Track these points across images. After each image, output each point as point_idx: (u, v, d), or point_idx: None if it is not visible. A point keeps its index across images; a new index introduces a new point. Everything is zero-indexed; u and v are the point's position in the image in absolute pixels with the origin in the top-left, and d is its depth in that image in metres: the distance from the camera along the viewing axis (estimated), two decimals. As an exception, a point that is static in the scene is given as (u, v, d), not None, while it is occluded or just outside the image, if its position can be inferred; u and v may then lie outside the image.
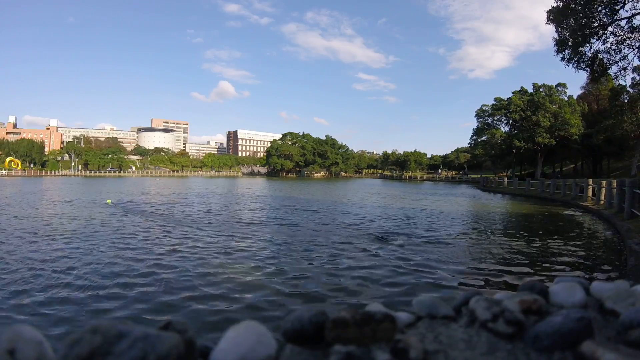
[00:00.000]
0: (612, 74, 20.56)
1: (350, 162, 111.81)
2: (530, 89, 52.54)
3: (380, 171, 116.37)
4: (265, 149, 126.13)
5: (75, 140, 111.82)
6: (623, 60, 18.66)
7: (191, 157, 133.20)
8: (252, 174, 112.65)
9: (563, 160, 57.93)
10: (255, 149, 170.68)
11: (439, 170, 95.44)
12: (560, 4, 18.66)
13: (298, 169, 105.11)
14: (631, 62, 18.62)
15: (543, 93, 50.59)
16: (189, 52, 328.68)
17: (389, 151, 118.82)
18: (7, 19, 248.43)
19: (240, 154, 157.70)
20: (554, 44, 20.03)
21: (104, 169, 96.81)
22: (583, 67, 19.99)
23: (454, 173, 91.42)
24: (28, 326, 0.41)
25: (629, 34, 17.61)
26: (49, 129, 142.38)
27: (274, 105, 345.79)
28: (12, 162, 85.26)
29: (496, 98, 54.72)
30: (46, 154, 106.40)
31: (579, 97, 54.55)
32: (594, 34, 18.15)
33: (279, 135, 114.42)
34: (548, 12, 19.76)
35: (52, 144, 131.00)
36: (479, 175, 61.59)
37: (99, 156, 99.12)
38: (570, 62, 19.90)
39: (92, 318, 4.03)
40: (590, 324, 0.55)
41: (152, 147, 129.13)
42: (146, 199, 20.80)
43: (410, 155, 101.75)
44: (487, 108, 55.47)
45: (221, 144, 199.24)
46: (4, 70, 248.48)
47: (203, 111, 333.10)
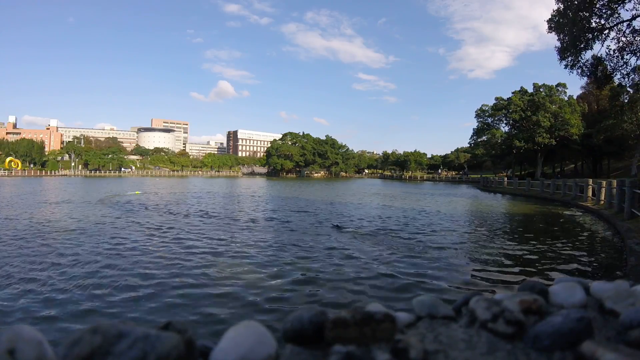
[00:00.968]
0: (616, 80, 20.50)
1: (350, 162, 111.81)
2: (530, 89, 52.55)
3: (380, 171, 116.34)
4: (265, 149, 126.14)
5: (75, 140, 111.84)
6: (626, 66, 18.64)
7: (191, 157, 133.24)
8: (252, 174, 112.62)
9: (563, 160, 57.94)
10: (255, 149, 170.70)
11: (439, 170, 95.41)
12: (561, 6, 18.64)
13: (298, 169, 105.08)
14: (634, 67, 18.57)
15: (543, 93, 50.60)
16: (189, 52, 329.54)
17: (389, 151, 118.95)
18: (7, 19, 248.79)
19: (240, 154, 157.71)
20: (557, 52, 20.03)
21: (104, 169, 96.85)
22: (587, 74, 20.01)
23: (454, 173, 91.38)
24: (28, 326, 0.40)
25: (631, 38, 17.57)
26: (49, 129, 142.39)
27: (273, 105, 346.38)
28: (12, 162, 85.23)
29: (496, 98, 54.75)
30: (46, 154, 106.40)
31: (579, 97, 54.55)
32: (595, 38, 18.13)
33: (279, 135, 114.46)
34: (549, 21, 19.79)
35: (52, 144, 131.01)
36: (479, 175, 61.59)
37: (99, 156, 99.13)
38: (573, 69, 19.90)
39: (92, 318, 4.03)
40: (590, 324, 0.55)
41: (152, 147, 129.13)
42: (146, 199, 20.80)
43: (410, 155, 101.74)
44: (487, 108, 55.48)
45: (221, 144, 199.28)
46: (4, 70, 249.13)
47: (203, 111, 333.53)
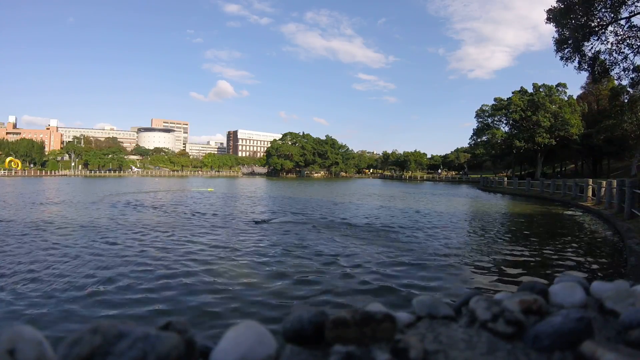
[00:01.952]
0: (614, 75, 20.47)
1: (350, 162, 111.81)
2: (530, 89, 52.54)
3: (381, 171, 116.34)
4: (265, 149, 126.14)
5: (75, 140, 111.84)
6: (625, 61, 18.61)
7: (191, 157, 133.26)
8: (252, 174, 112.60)
9: (563, 160, 57.94)
10: (255, 149, 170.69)
11: (439, 170, 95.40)
12: (561, 5, 18.64)
13: (298, 169, 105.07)
14: (633, 62, 18.55)
15: (543, 93, 50.59)
16: (189, 52, 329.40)
17: (389, 151, 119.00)
18: (7, 19, 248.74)
19: (240, 154, 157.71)
20: (554, 43, 19.99)
21: (104, 169, 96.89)
22: (585, 68, 19.94)
23: (454, 173, 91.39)
24: (28, 326, 0.40)
25: (628, 33, 17.57)
26: (49, 129, 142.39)
27: (273, 105, 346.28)
28: (12, 162, 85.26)
29: (496, 98, 54.74)
30: (46, 154, 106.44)
31: (579, 97, 54.54)
32: (594, 32, 18.11)
33: (279, 135, 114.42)
34: (548, 12, 19.72)
35: (52, 144, 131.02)
36: (479, 175, 61.58)
37: (99, 156, 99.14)
38: (570, 62, 19.85)
39: (92, 318, 4.03)
40: (590, 324, 0.55)
41: (152, 147, 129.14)
42: (145, 199, 20.80)
43: (410, 155, 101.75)
44: (487, 108, 55.47)
45: (221, 144, 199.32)
46: (4, 70, 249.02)
47: (203, 111, 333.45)
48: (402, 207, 17.54)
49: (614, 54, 18.51)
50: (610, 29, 17.92)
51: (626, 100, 31.20)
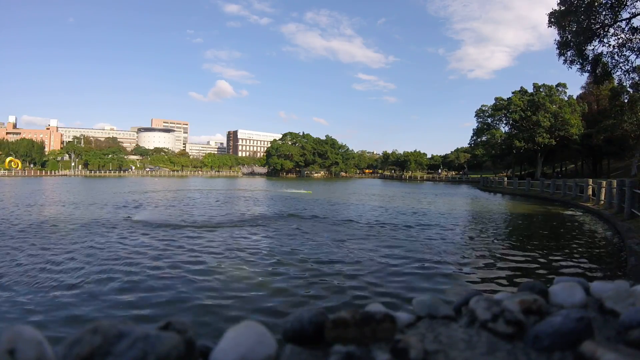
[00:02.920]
0: (615, 77, 20.45)
1: (350, 162, 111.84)
2: (530, 89, 52.51)
3: (381, 171, 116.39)
4: (265, 149, 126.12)
5: (75, 140, 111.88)
6: (626, 64, 18.60)
7: (191, 157, 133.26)
8: (252, 174, 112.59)
9: (563, 160, 57.92)
10: (255, 149, 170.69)
11: (439, 170, 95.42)
12: (562, 7, 18.64)
13: (298, 169, 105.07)
14: (634, 64, 18.55)
15: (543, 93, 50.57)
16: (188, 52, 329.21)
17: (389, 151, 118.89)
18: (7, 19, 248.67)
19: (240, 154, 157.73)
20: (556, 46, 19.97)
21: (104, 169, 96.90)
22: (587, 70, 19.94)
23: (454, 173, 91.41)
24: (28, 326, 0.40)
25: (630, 36, 17.56)
26: (49, 129, 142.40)
27: (273, 105, 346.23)
28: (12, 162, 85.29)
29: (496, 98, 54.70)
30: (46, 154, 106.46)
31: (579, 97, 54.52)
32: (595, 34, 18.09)
33: (279, 135, 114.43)
34: (550, 15, 19.71)
35: (52, 144, 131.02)
36: (479, 175, 61.60)
37: (99, 156, 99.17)
38: (572, 64, 19.83)
39: (92, 318, 4.03)
40: (590, 324, 0.55)
41: (152, 147, 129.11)
42: (144, 199, 20.81)
43: (410, 155, 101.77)
44: (487, 108, 55.45)
45: (221, 144, 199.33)
46: (4, 70, 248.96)
47: (202, 111, 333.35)
48: (402, 207, 17.54)
49: (616, 56, 18.52)
50: (612, 31, 17.92)
51: (626, 100, 31.19)
